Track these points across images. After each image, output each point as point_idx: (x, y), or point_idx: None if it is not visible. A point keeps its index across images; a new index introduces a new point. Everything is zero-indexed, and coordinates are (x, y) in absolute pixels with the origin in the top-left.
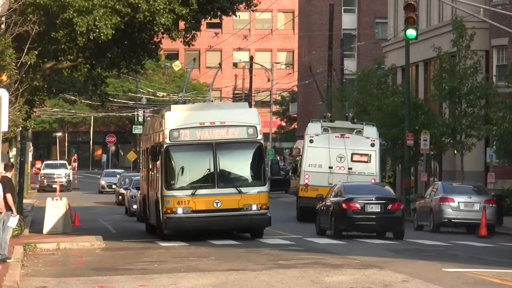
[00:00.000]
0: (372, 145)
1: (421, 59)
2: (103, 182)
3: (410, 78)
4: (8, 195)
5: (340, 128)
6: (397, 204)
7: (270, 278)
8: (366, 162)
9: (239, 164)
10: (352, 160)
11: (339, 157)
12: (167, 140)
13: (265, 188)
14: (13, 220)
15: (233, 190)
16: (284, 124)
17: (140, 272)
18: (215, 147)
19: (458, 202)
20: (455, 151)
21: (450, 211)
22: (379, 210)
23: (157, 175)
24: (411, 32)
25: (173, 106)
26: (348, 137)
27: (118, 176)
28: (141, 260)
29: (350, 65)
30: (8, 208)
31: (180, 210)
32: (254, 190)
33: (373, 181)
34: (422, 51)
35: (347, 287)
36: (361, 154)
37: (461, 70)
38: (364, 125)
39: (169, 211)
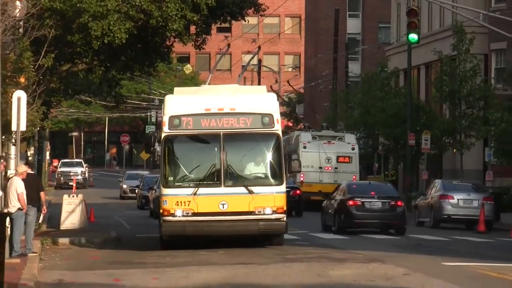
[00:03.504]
0: (353, 149)
1: (422, 62)
2: (125, 186)
3: (412, 81)
4: (42, 193)
5: (326, 136)
6: (297, 191)
7: (277, 271)
8: (349, 162)
9: (251, 159)
10: (337, 161)
11: (327, 159)
12: (165, 129)
13: (281, 188)
14: (41, 216)
15: (242, 189)
16: (291, 124)
17: (153, 265)
18: (222, 138)
19: (458, 199)
20: (455, 151)
21: (449, 208)
22: None
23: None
24: (413, 36)
25: (176, 89)
26: (333, 143)
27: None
28: (153, 254)
29: (354, 68)
30: (40, 204)
31: (179, 212)
32: (268, 190)
33: (354, 177)
34: (424, 54)
35: (351, 280)
36: (344, 157)
37: (461, 73)
38: (345, 133)
39: (166, 212)
